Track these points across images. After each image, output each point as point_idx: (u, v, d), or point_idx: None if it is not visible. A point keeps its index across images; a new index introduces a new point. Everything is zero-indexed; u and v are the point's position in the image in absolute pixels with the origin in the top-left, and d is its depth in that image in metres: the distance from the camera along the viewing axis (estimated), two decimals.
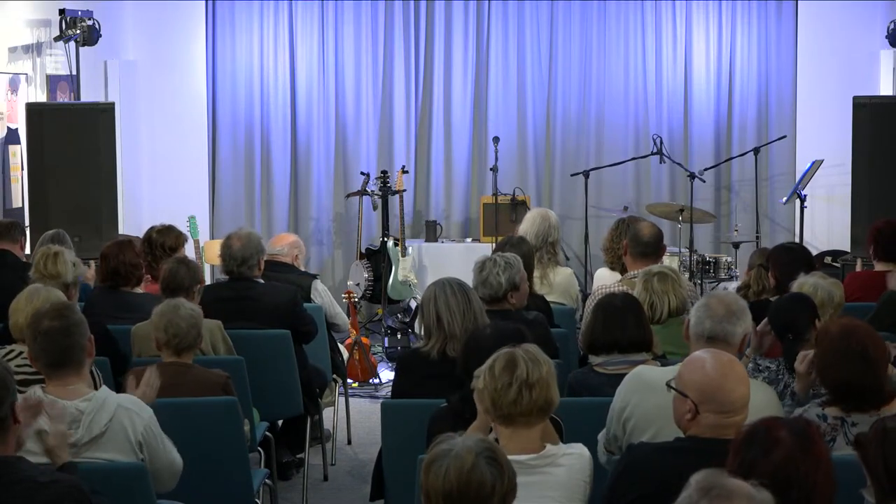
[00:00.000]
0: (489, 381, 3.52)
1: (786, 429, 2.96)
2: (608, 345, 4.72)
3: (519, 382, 3.48)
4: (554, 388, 3.56)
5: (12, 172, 8.64)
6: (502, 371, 3.51)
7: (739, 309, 4.23)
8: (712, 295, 4.35)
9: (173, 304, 5.09)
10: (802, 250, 6.46)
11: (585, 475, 3.59)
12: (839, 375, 3.95)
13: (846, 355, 3.93)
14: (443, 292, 4.86)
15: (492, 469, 2.88)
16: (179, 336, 5.02)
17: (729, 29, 11.02)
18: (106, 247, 6.36)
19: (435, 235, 10.62)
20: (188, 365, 5.06)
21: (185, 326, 5.03)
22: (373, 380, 8.81)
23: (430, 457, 2.91)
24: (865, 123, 8.79)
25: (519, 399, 3.48)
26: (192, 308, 5.12)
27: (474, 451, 2.89)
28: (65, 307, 4.23)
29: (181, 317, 5.03)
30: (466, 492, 2.85)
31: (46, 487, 3.40)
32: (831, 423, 4.03)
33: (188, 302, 5.20)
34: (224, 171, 11.07)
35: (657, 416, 4.02)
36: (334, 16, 11.03)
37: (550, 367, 3.57)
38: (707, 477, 2.52)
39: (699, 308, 4.26)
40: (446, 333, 4.80)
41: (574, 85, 11.07)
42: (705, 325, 4.19)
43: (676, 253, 9.36)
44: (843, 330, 4.02)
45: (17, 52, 8.77)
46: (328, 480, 6.79)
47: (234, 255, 6.27)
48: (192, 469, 4.39)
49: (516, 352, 3.55)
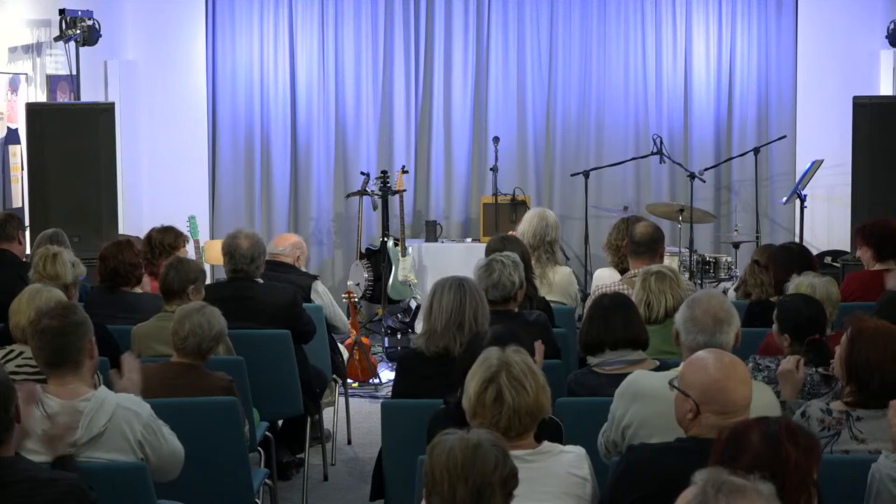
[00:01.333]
0: (479, 410, 3.50)
1: (758, 432, 2.95)
2: (597, 344, 4.74)
3: (508, 414, 3.48)
4: (545, 401, 3.55)
5: (12, 172, 8.64)
6: (493, 403, 3.48)
7: (725, 313, 4.21)
8: (695, 304, 4.25)
9: (199, 307, 5.08)
10: (800, 250, 6.46)
11: (583, 472, 3.59)
12: (885, 376, 3.95)
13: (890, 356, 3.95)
14: (440, 289, 4.88)
15: (496, 451, 2.93)
16: (201, 339, 5.02)
17: (729, 29, 11.02)
18: (105, 247, 6.36)
19: (435, 235, 10.62)
20: (193, 366, 5.06)
21: (207, 331, 5.03)
22: (373, 380, 8.81)
23: (435, 441, 2.96)
24: (865, 123, 8.80)
25: (511, 423, 3.48)
26: (210, 320, 5.07)
27: (480, 435, 2.96)
28: (67, 307, 4.22)
29: (205, 321, 5.03)
30: (471, 465, 2.89)
31: (47, 486, 3.42)
32: (836, 416, 4.03)
33: (214, 313, 5.13)
34: (224, 171, 11.07)
35: (655, 425, 4.02)
36: (334, 15, 11.03)
37: (538, 381, 3.53)
38: (713, 474, 2.52)
39: (686, 322, 4.21)
40: (430, 328, 4.82)
41: (574, 85, 11.07)
42: (698, 340, 4.17)
43: (676, 253, 9.36)
44: (880, 329, 4.03)
45: (17, 52, 8.77)
46: (328, 480, 6.79)
47: (243, 253, 6.30)
48: (192, 469, 4.39)
49: (501, 381, 3.49)
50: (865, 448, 3.99)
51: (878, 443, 3.98)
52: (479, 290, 4.98)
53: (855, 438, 4.00)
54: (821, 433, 4.01)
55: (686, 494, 2.48)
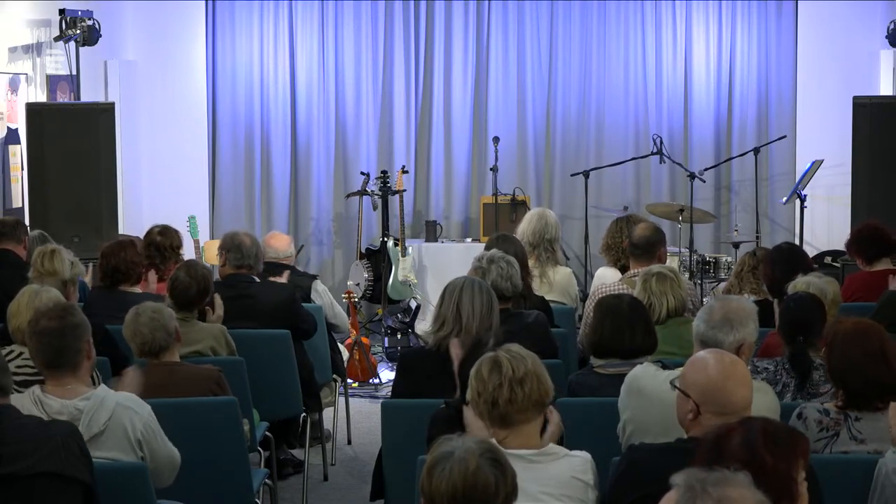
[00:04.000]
0: (479, 386, 3.53)
1: (738, 437, 2.95)
2: (615, 350, 4.71)
3: (508, 380, 3.49)
4: (545, 378, 3.55)
5: (12, 172, 8.64)
6: (490, 374, 3.52)
7: (738, 317, 4.17)
8: (721, 298, 4.35)
9: (134, 313, 5.05)
10: (792, 251, 6.43)
11: (587, 477, 3.57)
12: (865, 376, 3.94)
13: (870, 355, 3.94)
14: (470, 289, 4.87)
15: (495, 470, 2.88)
16: (147, 342, 5.00)
17: (729, 29, 11.02)
18: (106, 246, 6.38)
19: (435, 235, 10.62)
20: (177, 363, 5.06)
21: (148, 331, 4.98)
22: (373, 380, 8.81)
23: (432, 460, 2.91)
24: (865, 123, 8.80)
25: (513, 396, 3.48)
26: (154, 310, 5.04)
27: (476, 453, 2.89)
28: (65, 308, 4.22)
29: (142, 323, 4.99)
30: (472, 493, 2.86)
31: (50, 425, 3.72)
32: (834, 417, 4.02)
33: (152, 304, 5.12)
34: (224, 171, 11.07)
35: (653, 427, 4.02)
36: (334, 16, 11.03)
37: (535, 360, 3.57)
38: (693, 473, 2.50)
39: (704, 309, 4.26)
40: (462, 326, 4.80)
41: (574, 85, 11.07)
42: (700, 328, 4.20)
43: (676, 253, 9.35)
44: (857, 330, 4.02)
45: (17, 52, 8.76)
46: (328, 480, 6.79)
47: (248, 251, 6.37)
48: (192, 469, 4.39)
49: (497, 353, 3.57)
50: (865, 448, 3.98)
51: (878, 443, 3.97)
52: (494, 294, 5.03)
53: (854, 439, 3.99)
54: (819, 434, 4.01)
55: (669, 496, 2.48)
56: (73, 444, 3.67)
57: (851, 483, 3.78)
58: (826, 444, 3.99)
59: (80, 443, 3.71)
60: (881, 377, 3.96)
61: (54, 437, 3.64)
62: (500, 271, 5.47)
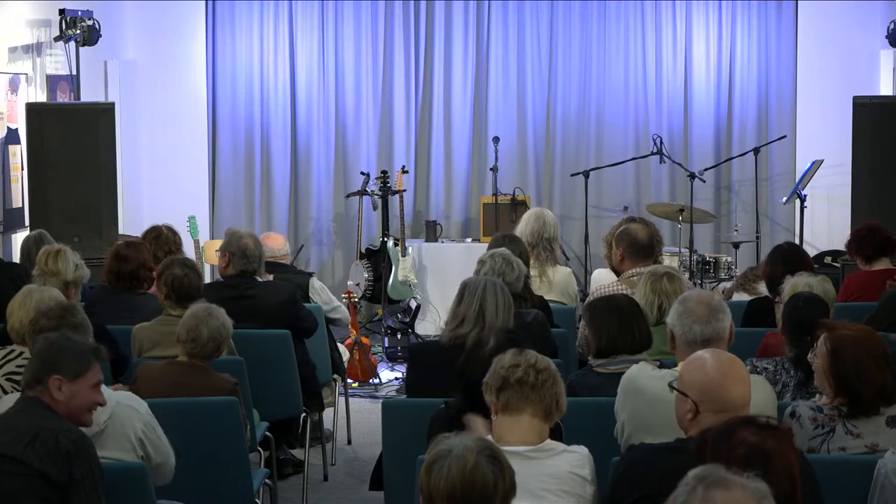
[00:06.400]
0: (497, 365, 3.63)
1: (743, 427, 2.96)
2: (625, 347, 4.70)
3: (527, 364, 3.60)
4: (561, 388, 3.63)
5: (12, 172, 8.64)
6: (513, 357, 3.64)
7: (719, 304, 4.25)
8: (686, 299, 4.27)
9: (207, 311, 5.06)
10: (792, 250, 6.44)
11: (585, 472, 3.60)
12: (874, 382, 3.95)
13: (878, 363, 3.96)
14: (493, 289, 4.97)
15: (493, 468, 2.89)
16: (198, 344, 5.01)
17: (729, 29, 11.02)
18: (124, 249, 6.28)
19: (435, 235, 10.62)
20: (199, 366, 5.05)
21: (206, 338, 5.01)
22: (373, 380, 8.81)
23: (430, 458, 2.91)
24: (865, 123, 8.80)
25: (525, 377, 3.56)
26: (224, 322, 5.07)
27: (475, 451, 2.90)
28: (66, 309, 4.23)
29: (209, 327, 5.01)
30: (470, 491, 2.86)
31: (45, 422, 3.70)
32: (828, 413, 4.02)
33: (224, 314, 5.12)
34: (224, 171, 11.07)
35: (655, 426, 4.02)
36: (334, 16, 11.04)
37: (556, 370, 3.66)
38: (703, 469, 2.52)
39: (681, 315, 4.21)
40: (486, 325, 4.86)
41: (574, 85, 11.07)
42: (695, 330, 4.17)
43: (676, 253, 9.36)
44: (864, 337, 4.04)
45: (17, 52, 8.76)
46: (328, 480, 6.79)
47: (252, 253, 6.36)
48: (192, 469, 4.40)
49: (528, 350, 3.69)
50: (862, 443, 3.98)
51: (874, 437, 3.98)
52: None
53: (850, 433, 4.00)
54: (814, 431, 4.00)
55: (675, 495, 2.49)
56: (52, 439, 3.62)
57: (851, 483, 3.78)
58: (822, 440, 3.99)
59: (68, 445, 3.64)
60: (885, 383, 3.98)
61: (35, 428, 3.62)
62: (513, 273, 5.55)
